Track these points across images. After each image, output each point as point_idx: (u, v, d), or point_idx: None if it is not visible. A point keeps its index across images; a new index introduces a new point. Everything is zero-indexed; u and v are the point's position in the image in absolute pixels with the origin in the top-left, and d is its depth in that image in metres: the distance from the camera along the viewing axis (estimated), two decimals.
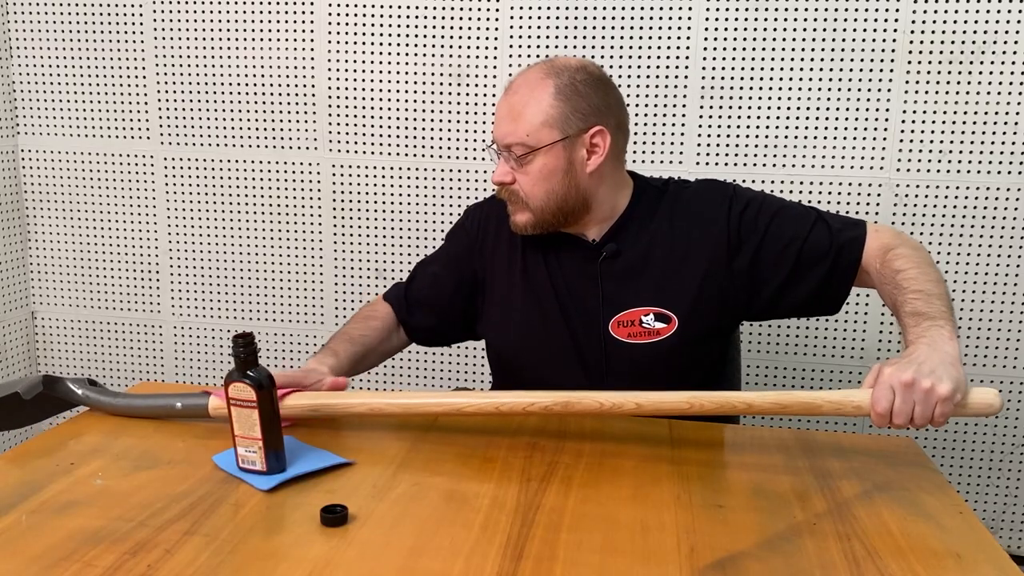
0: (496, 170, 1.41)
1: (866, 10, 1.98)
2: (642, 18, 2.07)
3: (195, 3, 2.24)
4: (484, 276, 1.53)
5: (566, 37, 2.10)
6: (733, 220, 1.41)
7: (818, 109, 2.05)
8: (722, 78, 2.06)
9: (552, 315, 1.45)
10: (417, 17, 2.16)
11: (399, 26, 2.17)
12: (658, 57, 2.08)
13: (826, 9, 2.00)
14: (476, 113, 2.18)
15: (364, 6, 2.17)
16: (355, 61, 2.21)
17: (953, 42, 1.97)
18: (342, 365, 1.41)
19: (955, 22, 1.96)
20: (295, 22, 2.21)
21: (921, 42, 1.98)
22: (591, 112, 1.37)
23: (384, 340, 1.56)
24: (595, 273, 1.44)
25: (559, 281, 1.46)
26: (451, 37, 2.15)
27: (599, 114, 1.38)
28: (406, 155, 2.23)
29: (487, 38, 2.14)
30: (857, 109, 2.03)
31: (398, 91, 2.20)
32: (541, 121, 1.35)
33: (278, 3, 2.20)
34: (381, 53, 2.19)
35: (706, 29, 2.05)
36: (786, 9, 2.01)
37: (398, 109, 2.21)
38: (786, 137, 2.07)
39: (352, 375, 1.45)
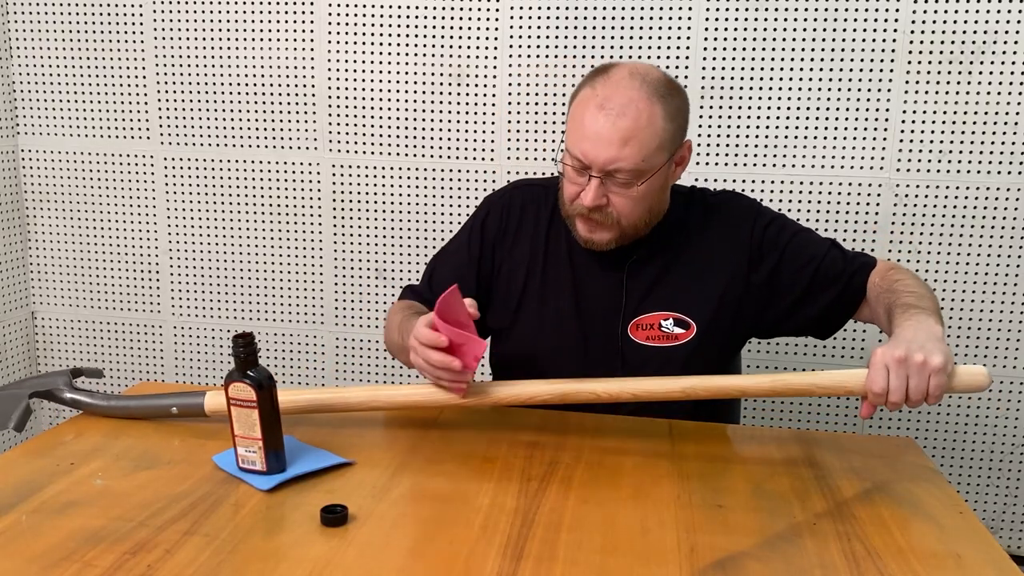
0: (588, 194, 1.32)
1: (866, 10, 1.98)
2: (642, 18, 2.06)
3: (195, 3, 2.24)
4: (498, 269, 1.51)
5: (566, 37, 2.10)
6: (756, 234, 1.44)
7: (818, 109, 2.04)
8: (722, 78, 2.06)
9: (567, 314, 1.45)
10: (417, 17, 2.15)
11: (399, 26, 2.17)
12: (658, 57, 2.08)
13: (826, 9, 1.99)
14: (476, 113, 2.17)
15: (364, 6, 2.17)
16: (355, 61, 2.20)
17: (953, 42, 1.97)
18: None
19: (955, 22, 1.96)
20: (295, 22, 2.21)
21: (921, 42, 1.98)
22: (685, 127, 1.37)
23: None
24: (621, 275, 1.44)
25: (582, 280, 1.45)
26: (451, 37, 2.15)
27: (687, 127, 1.38)
28: (406, 155, 2.23)
29: (487, 38, 2.14)
30: (857, 109, 2.03)
31: (398, 91, 2.20)
32: (656, 145, 1.31)
33: (278, 3, 2.20)
34: (381, 53, 2.19)
35: (706, 29, 2.04)
36: (786, 9, 2.01)
37: (398, 109, 2.21)
38: (786, 137, 2.07)
39: None
